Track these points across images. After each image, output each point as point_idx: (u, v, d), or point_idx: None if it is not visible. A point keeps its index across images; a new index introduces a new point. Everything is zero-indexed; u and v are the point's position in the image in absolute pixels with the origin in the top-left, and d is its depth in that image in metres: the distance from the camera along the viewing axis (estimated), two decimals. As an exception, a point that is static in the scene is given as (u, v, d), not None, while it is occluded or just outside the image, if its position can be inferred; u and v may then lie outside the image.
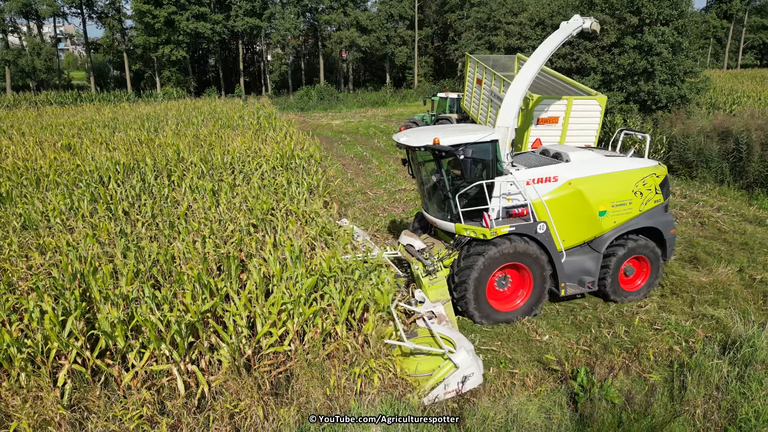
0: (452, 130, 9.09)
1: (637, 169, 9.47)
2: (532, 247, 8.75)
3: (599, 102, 14.17)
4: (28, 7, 50.13)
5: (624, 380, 7.50)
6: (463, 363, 6.80)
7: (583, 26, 10.54)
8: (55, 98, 43.11)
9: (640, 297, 9.85)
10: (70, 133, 19.71)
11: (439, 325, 7.74)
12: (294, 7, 53.11)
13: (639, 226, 9.50)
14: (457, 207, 8.70)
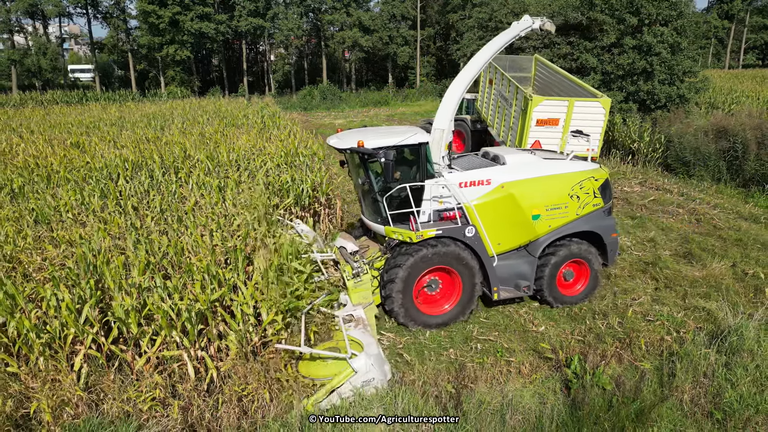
0: (382, 132, 9.01)
1: (574, 172, 9.31)
2: (461, 251, 8.68)
3: (603, 104, 13.91)
4: (34, 7, 50.56)
5: (616, 368, 7.79)
6: (361, 368, 6.75)
7: (533, 26, 10.42)
8: (61, 97, 43.57)
9: (579, 301, 9.79)
10: (79, 132, 20.09)
11: (356, 328, 7.69)
12: (297, 7, 53.46)
13: (577, 230, 9.39)
14: (385, 210, 8.61)
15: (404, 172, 8.78)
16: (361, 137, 8.24)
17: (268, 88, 59.59)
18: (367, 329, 7.71)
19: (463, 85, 9.46)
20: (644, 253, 12.21)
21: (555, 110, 14.14)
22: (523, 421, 6.61)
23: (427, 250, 8.49)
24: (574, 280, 9.76)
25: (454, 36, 50.65)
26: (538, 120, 14.23)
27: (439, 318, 9.02)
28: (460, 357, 8.25)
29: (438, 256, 8.56)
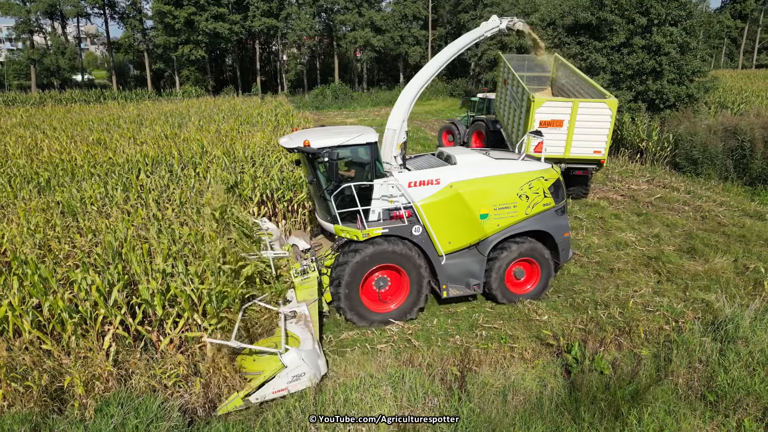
0: (332, 132, 8.97)
1: (523, 172, 9.37)
2: (408, 250, 8.78)
3: (609, 105, 13.60)
4: (54, 8, 51.61)
5: (615, 355, 8.10)
6: (291, 363, 6.84)
7: (500, 27, 10.46)
8: (79, 96, 44.48)
9: (533, 298, 9.90)
10: (100, 128, 20.76)
11: (297, 324, 7.81)
12: (310, 7, 54.02)
13: (527, 229, 9.48)
14: (333, 208, 8.70)
15: (354, 171, 8.97)
16: (311, 136, 8.33)
17: (280, 87, 60.24)
18: (309, 325, 7.82)
19: (417, 86, 9.51)
20: (648, 248, 12.50)
21: (559, 112, 13.93)
22: (524, 401, 6.97)
23: (373, 248, 8.61)
24: (525, 278, 9.86)
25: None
26: (541, 122, 13.98)
27: (386, 315, 9.11)
28: (465, 343, 8.62)
29: (384, 254, 8.67)
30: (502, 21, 10.51)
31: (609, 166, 20.61)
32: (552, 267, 9.81)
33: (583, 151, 14.40)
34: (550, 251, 9.79)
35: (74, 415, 6.34)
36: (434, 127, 32.15)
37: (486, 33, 10.43)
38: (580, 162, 14.71)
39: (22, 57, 55.76)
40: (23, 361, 6.96)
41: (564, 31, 25.36)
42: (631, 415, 6.45)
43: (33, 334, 7.21)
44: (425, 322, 9.35)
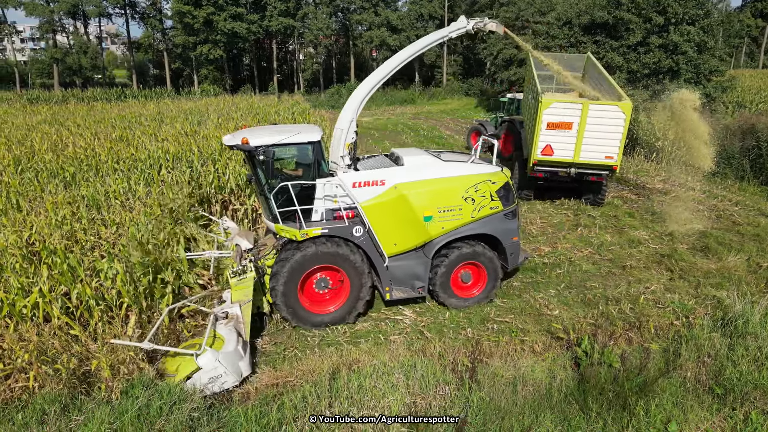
0: (274, 130, 8.79)
1: (469, 175, 9.21)
2: (348, 251, 8.67)
3: (623, 109, 13.09)
4: (76, 8, 52.66)
5: (625, 348, 8.23)
6: (206, 365, 6.83)
7: (467, 28, 10.26)
8: (101, 95, 45.36)
9: (474, 304, 9.75)
10: (122, 126, 21.29)
11: (226, 325, 7.76)
12: (326, 7, 54.43)
13: (473, 232, 9.34)
14: (273, 207, 8.56)
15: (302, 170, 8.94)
16: (251, 134, 8.25)
17: (297, 86, 60.74)
18: (239, 326, 7.80)
19: (369, 87, 9.36)
20: (661, 246, 12.56)
21: (568, 113, 13.42)
22: (534, 392, 7.13)
23: (310, 249, 8.49)
24: (472, 282, 9.76)
25: (481, 35, 50.87)
26: (548, 123, 13.58)
27: (325, 317, 8.97)
28: (476, 335, 8.80)
29: (322, 255, 8.56)
30: (469, 22, 10.27)
31: (624, 165, 20.59)
32: (499, 272, 9.65)
33: (593, 155, 13.89)
34: (500, 255, 9.70)
35: (101, 396, 6.65)
36: (449, 126, 32.28)
37: (451, 34, 10.21)
38: (590, 167, 14.20)
39: (46, 56, 56.95)
40: (53, 345, 7.30)
41: (580, 30, 25.36)
42: (639, 406, 6.58)
43: (62, 320, 7.56)
44: (437, 315, 9.55)
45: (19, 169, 14.62)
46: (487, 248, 9.53)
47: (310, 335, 8.84)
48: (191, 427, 6.21)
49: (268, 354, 8.30)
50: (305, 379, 7.15)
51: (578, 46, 24.95)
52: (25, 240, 9.57)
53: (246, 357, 7.42)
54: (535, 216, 14.83)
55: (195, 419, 6.30)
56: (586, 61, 17.94)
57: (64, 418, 6.22)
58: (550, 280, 10.95)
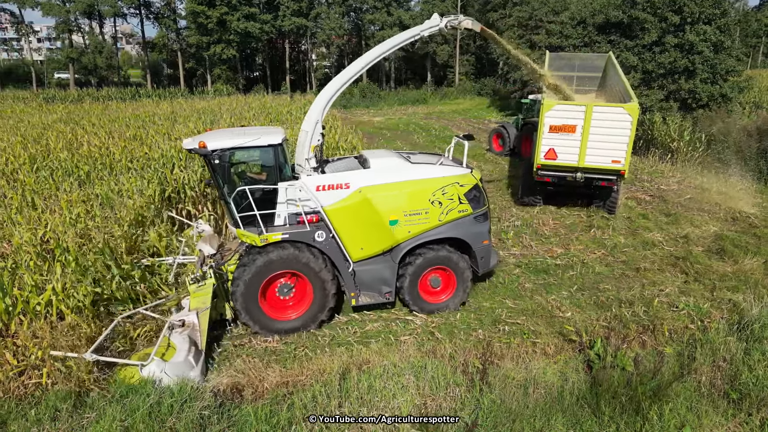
0: (235, 133, 8.59)
1: (437, 177, 8.98)
2: (309, 256, 8.47)
3: (629, 111, 12.52)
4: (92, 8, 53.24)
5: (638, 352, 8.12)
6: (150, 376, 6.78)
7: (439, 26, 9.98)
8: (115, 94, 45.84)
9: (443, 309, 9.51)
10: (136, 125, 21.48)
11: (182, 333, 7.64)
12: (339, 7, 54.50)
13: (441, 236, 9.12)
14: (233, 212, 8.40)
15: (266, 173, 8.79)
16: (210, 138, 8.14)
17: (309, 86, 60.89)
18: (195, 334, 7.73)
19: (335, 87, 9.17)
20: (676, 248, 12.40)
21: (570, 116, 12.93)
22: (545, 394, 7.07)
23: (270, 254, 8.33)
24: (442, 287, 9.54)
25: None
26: (550, 126, 13.15)
27: (287, 324, 8.76)
28: (488, 337, 8.73)
29: (282, 261, 8.37)
30: (442, 20, 10.00)
31: (638, 165, 20.37)
32: (469, 276, 9.43)
33: (599, 160, 13.22)
34: (471, 260, 9.51)
35: (112, 393, 6.70)
36: (461, 126, 32.17)
37: (422, 32, 9.96)
38: (597, 172, 13.51)
39: (62, 56, 57.63)
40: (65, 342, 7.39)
41: (594, 30, 25.14)
42: (652, 410, 6.50)
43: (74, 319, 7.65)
44: (449, 316, 9.49)
45: (35, 168, 14.80)
46: (457, 252, 9.29)
47: (321, 335, 8.84)
48: (202, 425, 6.24)
49: (278, 353, 8.31)
50: (315, 379, 7.15)
51: (592, 46, 24.73)
52: (40, 238, 9.68)
53: (198, 366, 7.26)
54: (547, 217, 14.71)
55: (206, 417, 6.32)
56: (607, 60, 17.18)
57: (77, 415, 6.28)
58: (563, 281, 10.86)
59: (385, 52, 9.63)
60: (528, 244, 12.86)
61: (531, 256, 12.17)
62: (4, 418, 6.29)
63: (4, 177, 14.46)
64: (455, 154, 10.25)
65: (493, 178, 19.26)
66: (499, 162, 21.81)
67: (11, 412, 6.39)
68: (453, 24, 10.34)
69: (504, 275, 11.17)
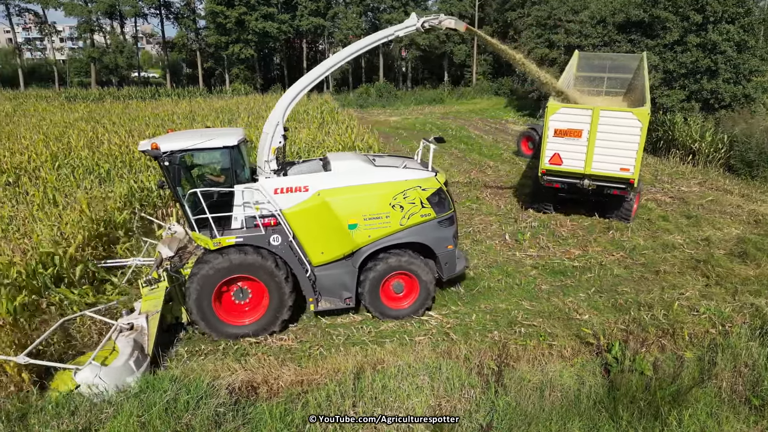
0: (194, 135, 8.46)
1: (398, 181, 8.78)
2: (264, 260, 8.32)
3: (638, 116, 11.91)
4: (113, 8, 54.03)
5: (658, 356, 7.99)
6: (84, 381, 6.64)
7: (416, 26, 9.78)
8: (136, 93, 46.46)
9: (405, 316, 9.32)
10: (155, 124, 21.73)
11: (128, 337, 7.54)
12: (357, 6, 54.55)
13: (402, 241, 8.93)
14: (188, 214, 8.26)
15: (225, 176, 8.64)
16: (166, 140, 8.05)
17: (326, 85, 61.04)
18: (142, 338, 7.64)
19: (298, 89, 8.99)
20: (697, 251, 12.18)
21: (576, 120, 12.44)
22: (561, 398, 7.00)
23: (223, 258, 8.18)
24: (405, 293, 9.35)
25: (511, 34, 50.29)
26: (555, 130, 12.71)
27: (242, 329, 8.61)
28: (503, 339, 8.67)
29: (235, 265, 8.23)
30: (419, 20, 9.79)
31: (658, 167, 20.08)
32: (432, 282, 9.21)
33: (607, 167, 12.66)
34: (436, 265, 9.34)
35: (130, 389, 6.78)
36: (478, 126, 32.00)
37: (397, 32, 9.77)
38: (605, 180, 12.88)
39: (83, 55, 58.58)
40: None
41: (614, 29, 24.83)
42: (671, 415, 6.39)
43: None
44: (464, 317, 9.45)
45: (56, 165, 15.07)
46: (420, 258, 9.12)
47: (335, 334, 8.87)
48: (217, 422, 6.28)
49: (293, 351, 8.35)
50: (330, 378, 7.16)
51: (612, 45, 24.43)
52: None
53: (138, 372, 7.13)
54: (564, 218, 14.55)
55: (221, 414, 6.36)
56: (640, 61, 16.26)
57: (95, 410, 6.36)
58: (580, 283, 10.74)
59: (356, 53, 9.45)
60: (545, 245, 12.74)
61: (548, 257, 12.05)
62: (24, 412, 6.39)
63: (27, 174, 14.72)
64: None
65: (509, 180, 19.13)
66: (516, 163, 21.66)
67: (31, 406, 6.49)
68: (433, 24, 10.11)
69: (520, 276, 11.09)
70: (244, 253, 8.26)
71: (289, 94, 8.93)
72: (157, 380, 6.86)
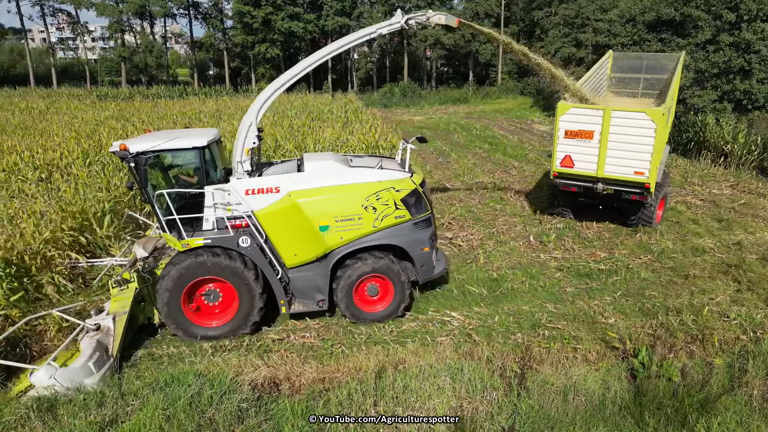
0: (165, 136, 8.48)
1: (370, 182, 8.61)
2: (232, 262, 8.25)
3: (651, 116, 11.28)
4: (143, 8, 55.11)
5: (686, 362, 7.81)
6: (39, 382, 6.59)
7: (401, 23, 9.61)
8: (164, 92, 47.31)
9: (381, 320, 9.16)
10: (183, 122, 22.09)
11: (91, 337, 7.47)
12: (382, 6, 54.62)
13: (376, 242, 8.77)
14: (159, 215, 8.29)
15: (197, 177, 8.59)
16: (137, 141, 8.11)
17: (350, 85, 61.26)
18: (108, 339, 7.59)
19: (273, 89, 8.95)
20: (728, 255, 11.87)
21: (587, 120, 11.98)
22: (586, 402, 6.89)
23: (191, 260, 8.16)
24: (380, 296, 9.18)
25: (538, 33, 49.76)
26: (566, 131, 12.29)
27: (212, 331, 8.57)
28: (527, 341, 8.58)
29: (203, 267, 8.19)
30: (404, 17, 9.57)
31: (689, 169, 19.62)
32: (407, 285, 9.06)
33: (620, 170, 12.02)
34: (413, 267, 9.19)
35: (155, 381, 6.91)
36: (502, 126, 31.75)
37: (380, 30, 9.64)
38: (619, 184, 12.28)
39: (114, 55, 59.90)
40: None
41: (644, 28, 24.34)
42: (699, 423, 6.25)
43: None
44: (486, 318, 9.38)
45: (87, 162, 15.43)
46: (395, 260, 8.97)
47: (357, 332, 8.88)
48: (240, 417, 6.35)
49: (315, 349, 8.39)
50: (351, 377, 7.17)
51: (641, 45, 23.96)
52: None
53: (98, 373, 7.06)
54: (590, 220, 14.32)
55: (243, 410, 6.44)
56: (677, 62, 15.49)
57: (122, 402, 6.49)
58: (606, 286, 10.56)
59: (334, 52, 9.41)
60: (570, 247, 12.57)
61: (573, 259, 11.88)
62: (53, 402, 6.56)
63: (59, 171, 15.11)
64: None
65: (534, 180, 18.92)
66: (541, 163, 21.40)
67: (59, 397, 6.66)
68: (420, 21, 9.86)
69: (545, 279, 10.95)
70: (212, 255, 8.21)
71: (262, 95, 8.88)
72: (182, 374, 6.98)
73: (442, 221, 14.50)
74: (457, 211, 15.42)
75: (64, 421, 6.18)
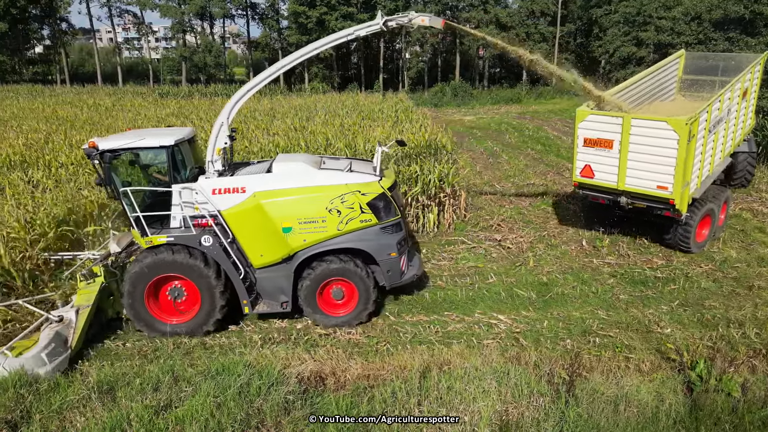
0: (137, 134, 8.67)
1: (336, 185, 8.55)
2: (193, 260, 8.32)
3: (674, 126, 10.35)
4: (204, 9, 57.04)
5: (748, 377, 7.42)
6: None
7: (379, 25, 9.55)
8: (221, 90, 48.79)
9: (344, 324, 9.03)
10: (238, 120, 22.74)
11: (51, 328, 7.55)
12: (435, 5, 54.40)
13: (340, 246, 8.73)
14: (127, 212, 8.44)
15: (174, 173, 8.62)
16: (108, 139, 8.31)
17: (401, 84, 61.33)
18: (69, 331, 7.70)
19: (246, 89, 9.01)
20: (798, 267, 11.19)
21: (606, 129, 11.34)
22: (638, 414, 6.66)
23: (153, 257, 8.30)
24: (345, 300, 9.07)
25: (596, 32, 48.30)
26: (585, 139, 11.74)
27: (175, 327, 8.69)
28: (576, 348, 8.37)
29: (164, 264, 8.32)
30: (384, 18, 9.54)
31: (757, 174, 18.56)
32: (371, 290, 8.90)
33: (642, 183, 11.15)
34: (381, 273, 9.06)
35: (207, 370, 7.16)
36: (556, 127, 31.00)
37: (358, 32, 9.58)
38: (642, 198, 11.33)
39: (176, 54, 62.27)
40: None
41: (710, 26, 23.22)
42: (761, 442, 5.93)
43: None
44: (535, 323, 9.22)
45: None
46: (361, 264, 8.86)
47: (403, 331, 8.92)
48: (286, 409, 6.50)
49: (360, 346, 8.48)
50: (396, 375, 7.21)
51: (707, 44, 22.87)
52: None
53: (51, 364, 7.18)
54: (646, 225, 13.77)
55: (290, 402, 6.58)
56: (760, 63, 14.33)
57: (176, 388, 6.77)
58: (663, 295, 10.16)
59: (310, 53, 9.41)
60: (625, 253, 12.15)
61: (627, 265, 11.49)
62: (112, 385, 6.91)
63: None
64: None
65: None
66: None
67: (118, 380, 7.01)
68: (401, 22, 9.77)
69: (597, 284, 10.65)
70: (173, 252, 8.35)
71: (235, 96, 8.98)
72: (233, 364, 7.21)
73: (491, 223, 14.32)
74: (507, 213, 15.20)
75: (122, 403, 6.50)
